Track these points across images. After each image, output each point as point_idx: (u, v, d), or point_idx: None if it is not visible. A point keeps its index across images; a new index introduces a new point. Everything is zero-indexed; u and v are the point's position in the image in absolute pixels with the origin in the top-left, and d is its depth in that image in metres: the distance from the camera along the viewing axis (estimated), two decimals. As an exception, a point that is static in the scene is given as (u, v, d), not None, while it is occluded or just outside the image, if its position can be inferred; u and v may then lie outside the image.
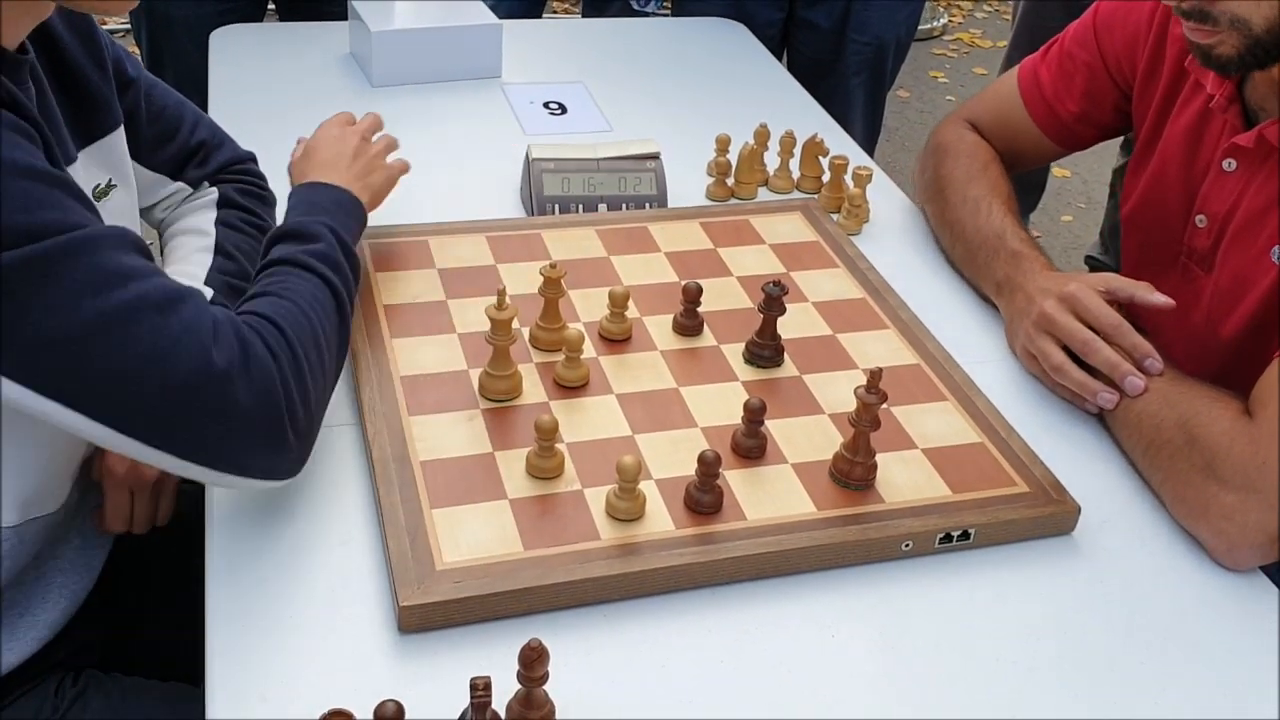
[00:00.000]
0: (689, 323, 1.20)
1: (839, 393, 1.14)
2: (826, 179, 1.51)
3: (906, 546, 0.99)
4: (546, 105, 1.72)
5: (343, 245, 1.04)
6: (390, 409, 1.06)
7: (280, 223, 1.07)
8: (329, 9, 1.96)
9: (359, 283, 1.07)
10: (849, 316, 1.25)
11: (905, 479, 1.04)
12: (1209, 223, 1.22)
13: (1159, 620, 0.97)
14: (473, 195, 1.46)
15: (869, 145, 2.24)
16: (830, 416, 1.11)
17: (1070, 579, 1.00)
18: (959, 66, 4.37)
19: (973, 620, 0.95)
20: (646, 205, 1.43)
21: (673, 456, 1.04)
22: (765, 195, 1.53)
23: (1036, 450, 1.08)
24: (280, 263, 1.00)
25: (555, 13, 4.42)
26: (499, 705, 0.81)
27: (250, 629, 0.89)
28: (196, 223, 1.20)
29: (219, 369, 0.84)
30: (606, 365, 1.15)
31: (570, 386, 1.11)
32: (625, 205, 1.42)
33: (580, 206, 1.41)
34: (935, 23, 4.59)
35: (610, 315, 1.18)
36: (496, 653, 0.87)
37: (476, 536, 0.94)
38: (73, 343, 0.80)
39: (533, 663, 0.79)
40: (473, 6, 1.82)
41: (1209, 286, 1.22)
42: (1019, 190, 2.97)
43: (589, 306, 1.22)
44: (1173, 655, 0.94)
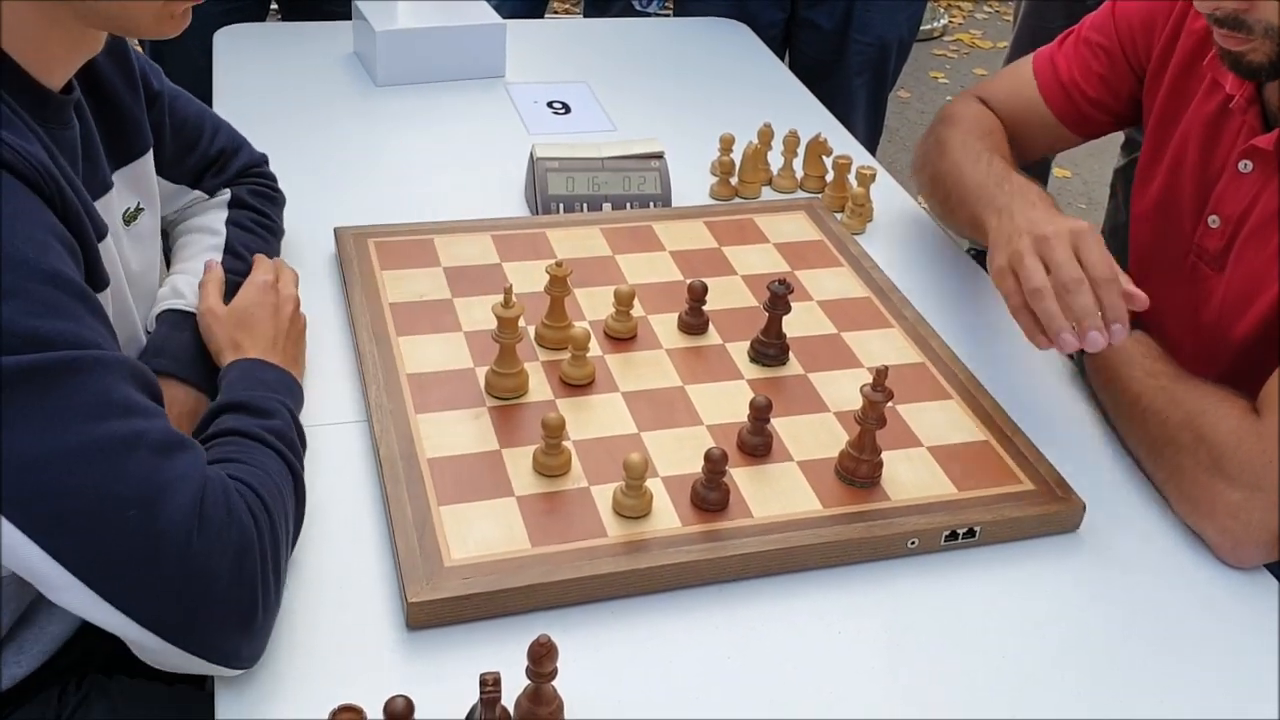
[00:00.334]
0: (694, 321, 1.21)
1: (844, 391, 1.14)
2: (830, 178, 1.51)
3: (912, 544, 0.99)
4: (550, 105, 1.72)
5: (296, 425, 0.99)
6: (397, 407, 1.07)
7: (222, 394, 1.00)
8: (332, 8, 1.96)
9: (303, 450, 1.00)
10: (854, 315, 1.26)
11: (911, 477, 1.05)
12: (1222, 223, 1.21)
13: (1164, 617, 0.97)
14: (477, 194, 1.47)
15: (871, 145, 2.24)
16: (835, 415, 1.11)
17: (1075, 576, 1.00)
18: (959, 67, 4.38)
19: (978, 617, 0.96)
20: (651, 204, 1.44)
21: (678, 454, 1.04)
22: (769, 195, 1.54)
23: (1041, 448, 1.09)
24: (237, 434, 0.92)
25: (556, 13, 4.43)
26: (507, 701, 0.81)
27: (259, 625, 0.89)
28: (208, 222, 1.20)
29: (203, 526, 0.78)
30: (612, 364, 1.15)
31: (576, 385, 1.12)
32: (630, 204, 1.43)
33: (585, 206, 1.42)
34: (935, 23, 4.59)
35: (615, 314, 1.19)
36: (504, 649, 0.87)
37: (484, 533, 0.95)
38: (54, 467, 0.74)
39: (541, 658, 0.79)
40: (476, 6, 1.82)
41: (1220, 287, 1.21)
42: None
43: (594, 305, 1.23)
44: (1177, 652, 0.94)
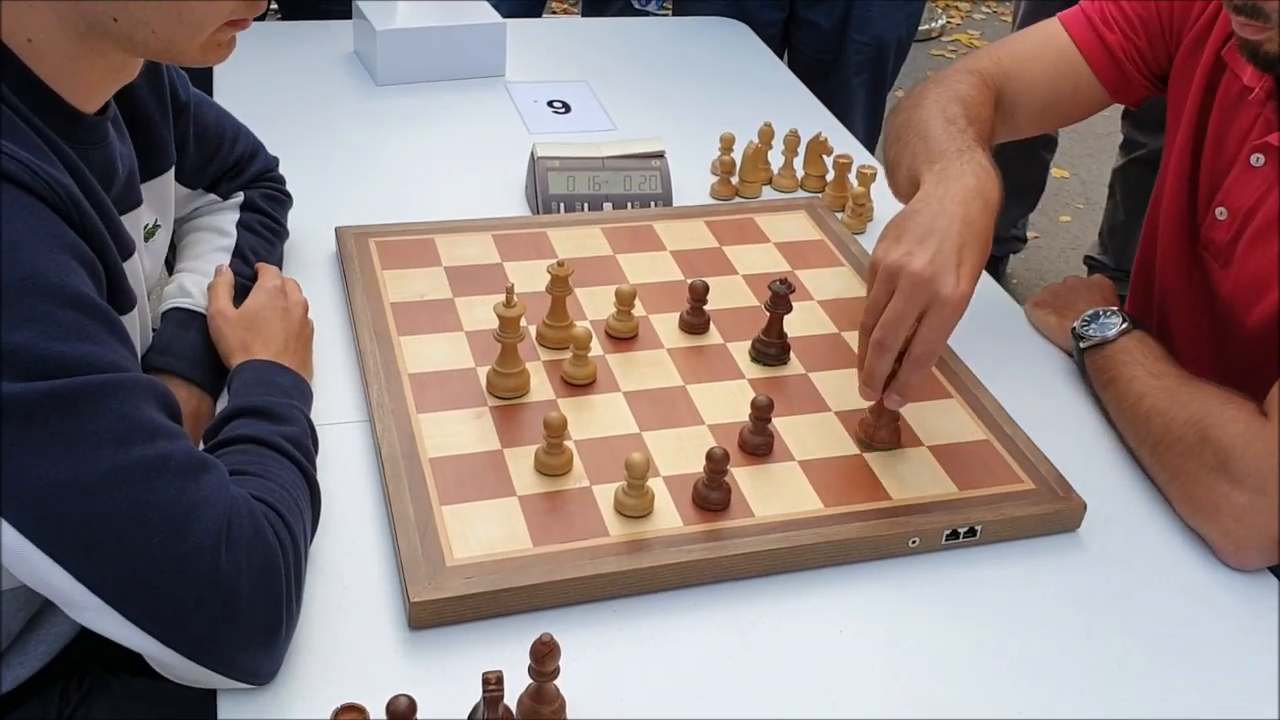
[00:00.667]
0: (695, 321, 1.21)
1: (845, 390, 1.14)
2: (830, 178, 1.51)
3: (913, 543, 0.99)
4: (550, 104, 1.72)
5: (311, 431, 0.99)
6: (399, 406, 1.07)
7: (234, 396, 1.00)
8: (332, 8, 1.96)
9: (316, 454, 1.00)
10: (854, 315, 1.25)
11: (912, 476, 1.05)
12: (1229, 216, 1.19)
13: (1164, 617, 0.97)
14: (478, 194, 1.47)
15: (870, 145, 2.24)
16: (836, 414, 1.11)
17: (1076, 576, 1.00)
18: (958, 67, 4.37)
19: (979, 616, 0.96)
20: (652, 204, 1.44)
21: (680, 454, 1.04)
22: (769, 194, 1.54)
23: (1042, 447, 1.09)
24: (253, 441, 0.92)
25: (555, 13, 4.43)
26: (510, 700, 0.81)
27: (261, 625, 0.89)
28: (218, 222, 1.20)
29: (230, 548, 0.78)
30: (613, 363, 1.15)
31: (578, 384, 1.12)
32: (630, 204, 1.43)
33: (585, 205, 1.42)
34: (933, 24, 4.59)
35: (617, 313, 1.19)
36: (506, 648, 0.88)
37: (486, 533, 0.95)
38: (80, 492, 0.74)
39: (544, 657, 0.79)
40: (477, 5, 1.82)
41: (1228, 282, 1.20)
42: (1018, 191, 2.96)
43: (595, 305, 1.23)
44: (1177, 652, 0.95)
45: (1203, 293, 1.23)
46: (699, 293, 1.20)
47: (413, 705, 0.75)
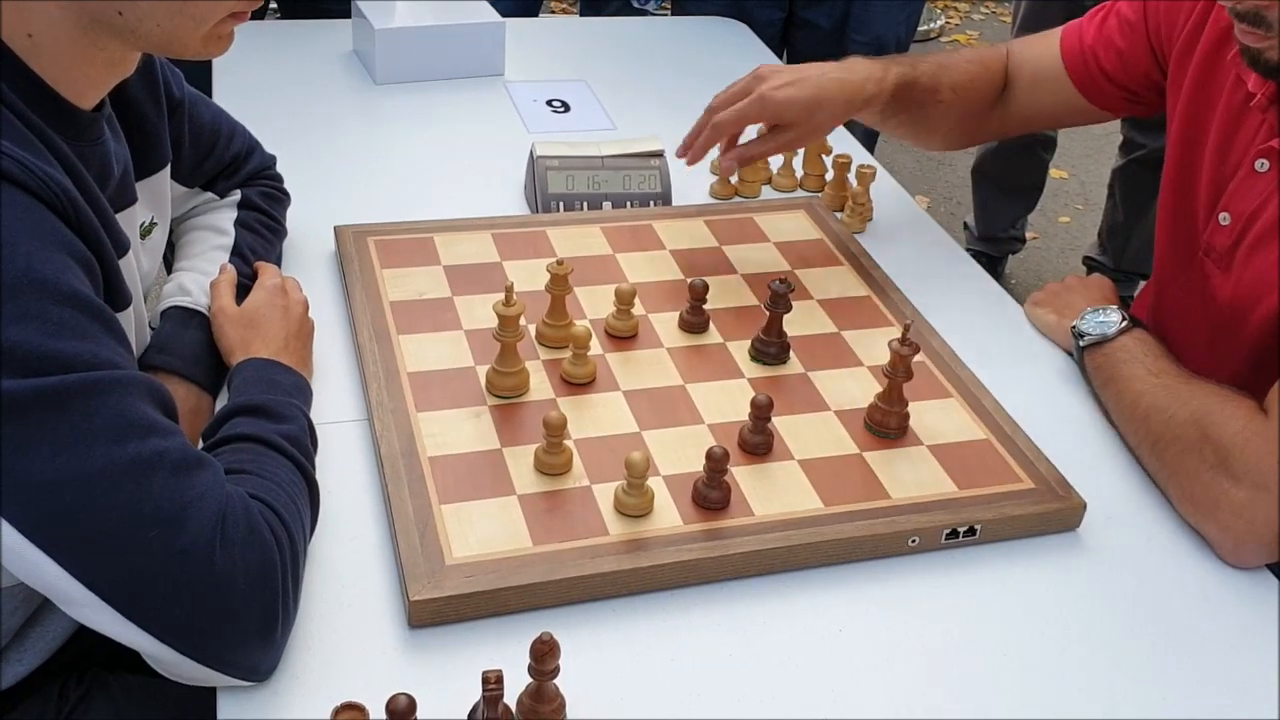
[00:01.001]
0: (695, 320, 1.21)
1: (845, 390, 1.14)
2: (830, 177, 1.51)
3: (913, 542, 0.99)
4: (549, 103, 1.72)
5: (310, 430, 0.98)
6: (398, 405, 1.06)
7: (234, 394, 1.00)
8: (331, 6, 1.96)
9: (315, 453, 0.99)
10: (854, 314, 1.26)
11: (911, 475, 1.05)
12: (1232, 221, 1.19)
13: (1164, 616, 0.98)
14: (477, 193, 1.47)
15: (868, 145, 2.24)
16: (836, 413, 1.11)
17: (1076, 575, 1.00)
18: (956, 67, 4.37)
19: (979, 616, 0.96)
20: (651, 203, 1.44)
21: (680, 453, 1.04)
22: (769, 193, 1.54)
23: (1041, 447, 1.09)
24: (252, 439, 0.92)
25: (553, 12, 4.42)
26: (509, 699, 0.81)
27: (260, 623, 0.89)
28: (215, 221, 1.20)
29: (225, 544, 0.78)
30: (613, 362, 1.15)
31: (577, 383, 1.12)
32: (630, 203, 1.43)
33: (585, 204, 1.42)
34: (932, 24, 4.59)
35: (616, 312, 1.19)
36: (506, 647, 0.87)
37: (486, 532, 0.95)
38: (75, 489, 0.74)
39: (544, 656, 0.79)
40: (475, 5, 1.82)
41: (1227, 286, 1.20)
42: (1017, 191, 2.96)
43: (595, 304, 1.23)
44: (1177, 651, 0.95)
45: (1202, 298, 1.23)
46: (699, 292, 1.20)
47: (412, 704, 0.75)
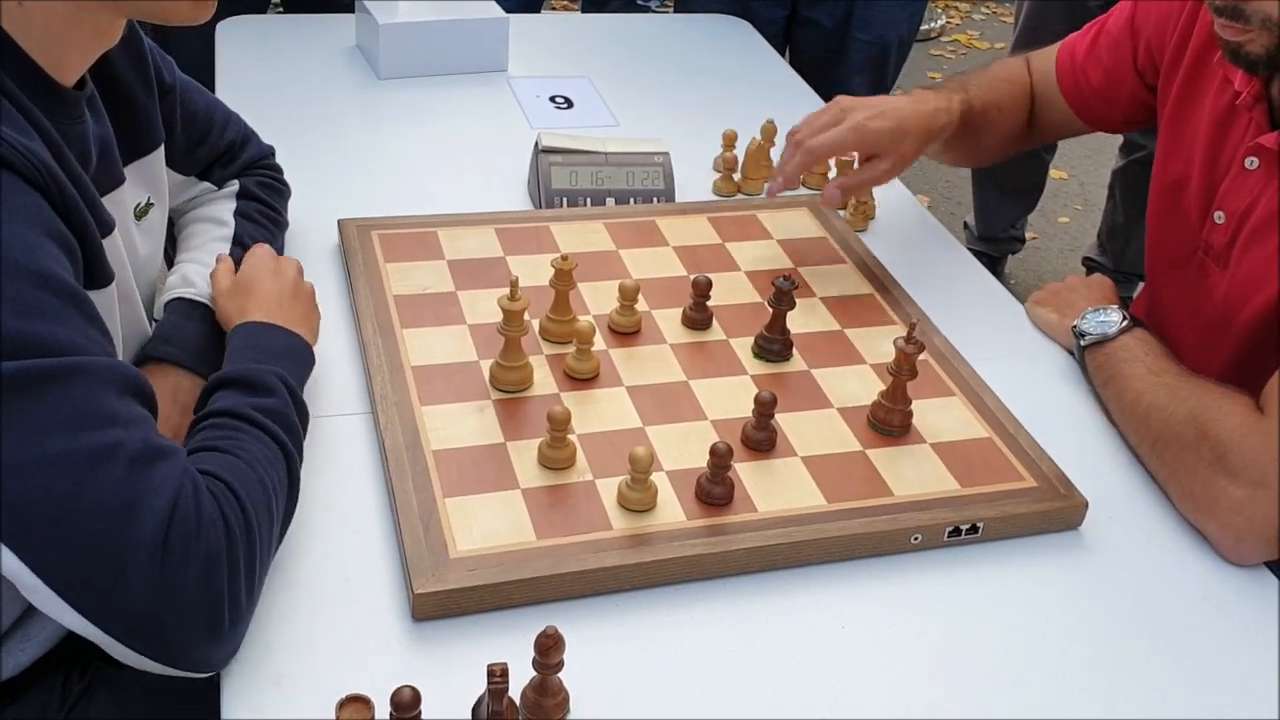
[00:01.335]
0: (698, 316, 1.21)
1: (848, 388, 1.14)
2: (833, 175, 1.51)
3: (916, 539, 1.00)
4: (553, 99, 1.72)
5: (295, 400, 0.96)
6: (402, 399, 1.07)
7: (224, 365, 0.99)
8: (334, 1, 1.96)
9: (305, 429, 0.97)
10: (857, 312, 1.26)
11: (914, 473, 1.05)
12: (1227, 219, 1.21)
13: (1165, 614, 0.98)
14: (480, 188, 1.47)
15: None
16: (839, 410, 1.12)
17: (1077, 573, 1.01)
18: (957, 68, 4.38)
19: (980, 613, 0.96)
20: (654, 199, 1.44)
21: (683, 449, 1.05)
22: (771, 191, 1.54)
23: (1044, 445, 1.09)
24: (229, 415, 0.90)
25: (555, 8, 4.42)
26: (513, 692, 0.81)
27: (265, 617, 0.89)
28: (215, 212, 1.20)
29: (169, 541, 0.76)
30: (616, 358, 1.15)
31: (581, 378, 1.12)
32: (633, 199, 1.43)
33: (588, 200, 1.42)
34: (933, 24, 4.60)
35: (620, 308, 1.19)
36: (510, 641, 0.87)
37: (489, 526, 0.95)
38: (23, 475, 0.73)
39: (549, 649, 0.79)
40: (479, 1, 1.82)
41: (1224, 283, 1.22)
42: (1017, 191, 2.97)
43: (598, 299, 1.23)
44: (1178, 649, 0.95)
45: (1199, 296, 1.24)
46: (702, 288, 1.20)
47: (417, 696, 0.75)
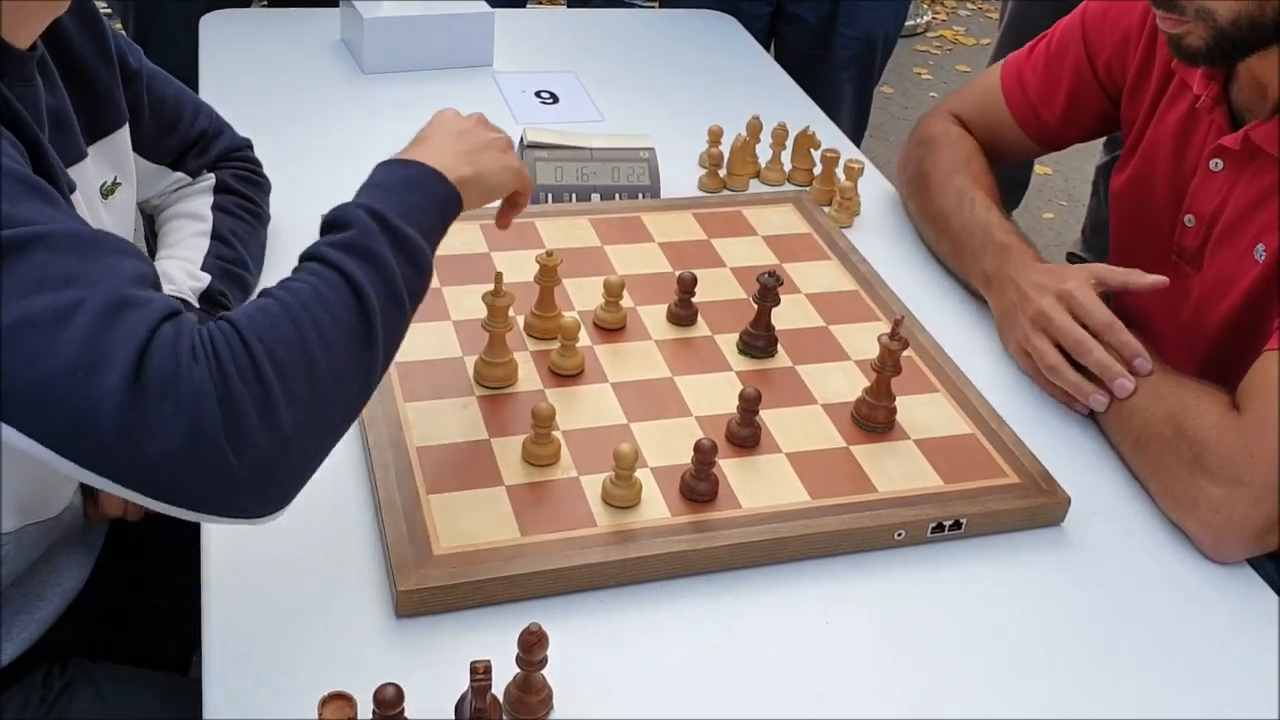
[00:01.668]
0: (683, 312, 1.21)
1: (832, 383, 1.15)
2: (818, 172, 1.52)
3: (899, 535, 1.00)
4: (538, 94, 1.72)
5: (385, 228, 0.85)
6: (385, 395, 1.06)
7: None
8: (318, -6, 1.95)
9: (420, 270, 0.87)
10: (841, 308, 1.26)
11: (898, 469, 1.05)
12: (1197, 222, 1.23)
13: (1147, 611, 0.98)
14: (465, 183, 1.46)
15: (856, 139, 2.25)
16: (824, 406, 1.12)
17: (1060, 569, 1.01)
18: (942, 63, 4.39)
19: (964, 609, 0.96)
20: (639, 195, 1.43)
21: (668, 445, 1.04)
22: (757, 187, 1.54)
23: (1027, 441, 1.10)
24: (304, 259, 0.85)
25: (541, 3, 4.41)
26: (496, 689, 0.81)
27: (247, 614, 0.89)
28: (192, 207, 1.20)
29: (143, 385, 0.72)
30: (601, 354, 1.15)
31: (565, 375, 1.12)
32: (618, 195, 1.43)
33: (574, 196, 1.41)
34: (919, 19, 4.60)
35: (605, 304, 1.19)
36: (493, 638, 0.87)
37: (473, 522, 0.95)
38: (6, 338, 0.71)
39: (532, 646, 0.79)
40: (464, -5, 1.81)
41: (1197, 284, 1.23)
42: (1002, 187, 2.97)
43: (583, 295, 1.23)
44: (1160, 645, 0.95)
45: (1174, 299, 1.25)
46: (687, 284, 1.20)
47: (399, 694, 0.75)
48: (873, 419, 1.09)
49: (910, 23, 4.49)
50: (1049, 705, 0.89)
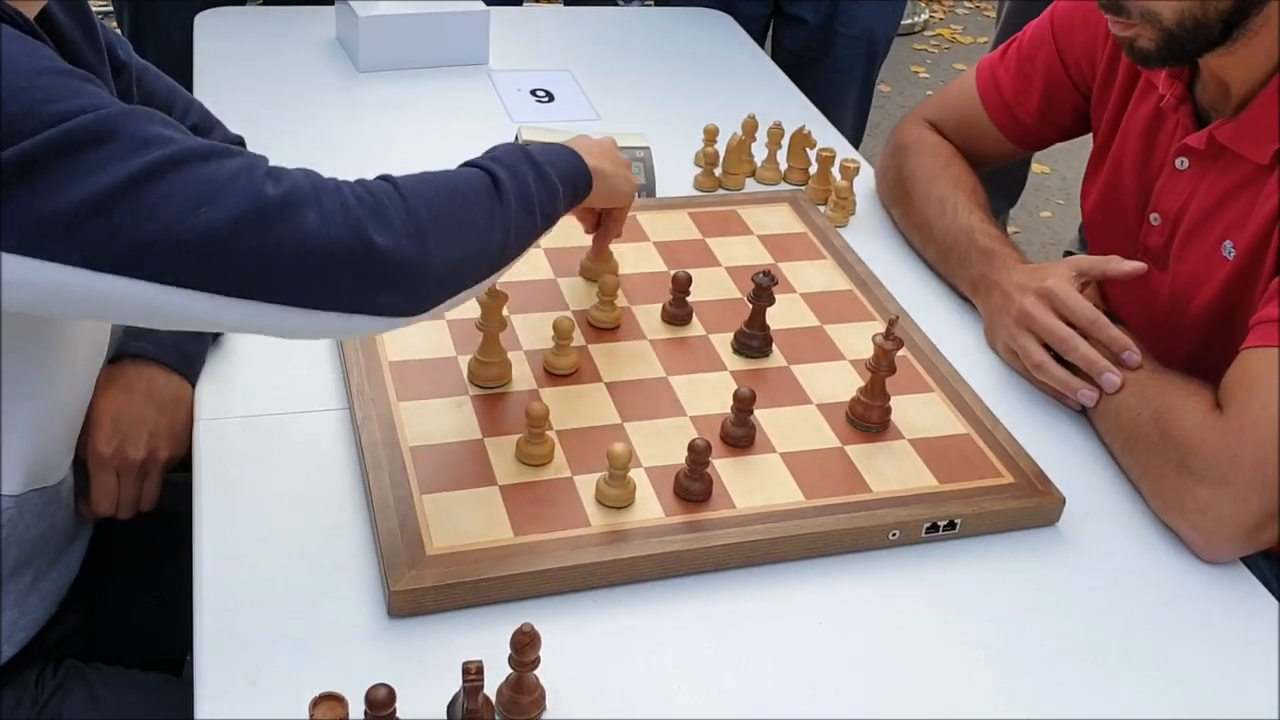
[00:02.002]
0: (678, 312, 1.21)
1: (827, 383, 1.14)
2: (814, 171, 1.51)
3: (894, 535, 1.00)
4: (534, 93, 1.72)
5: (528, 157, 0.97)
6: (379, 394, 1.06)
7: None
8: (314, -8, 1.95)
9: (553, 197, 0.97)
10: (836, 308, 1.26)
11: (892, 469, 1.05)
12: (1162, 221, 1.23)
13: (1141, 610, 0.98)
14: (460, 182, 1.46)
15: (855, 140, 2.25)
16: (818, 406, 1.12)
17: (1054, 569, 1.01)
18: (940, 62, 4.39)
19: (958, 609, 0.96)
20: (635, 195, 1.43)
21: (662, 445, 1.04)
22: (753, 186, 1.53)
23: (1021, 441, 1.09)
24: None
25: (536, 2, 4.41)
26: (489, 690, 0.81)
27: (239, 613, 0.89)
28: None
29: (274, 197, 0.78)
30: (595, 354, 1.15)
31: (559, 374, 1.11)
32: (613, 194, 1.42)
33: (568, 195, 1.41)
34: (916, 18, 4.60)
35: (599, 304, 1.19)
36: (486, 638, 0.87)
37: (467, 522, 0.94)
38: (114, 204, 0.75)
39: (525, 647, 0.79)
40: (460, -7, 1.81)
41: (1166, 283, 1.23)
42: (998, 186, 2.98)
43: (578, 295, 1.22)
44: (1154, 646, 0.95)
45: (1144, 298, 1.26)
46: (683, 284, 1.20)
47: (391, 695, 0.75)
48: (867, 419, 1.09)
49: (907, 21, 4.50)
50: (1043, 705, 0.89)
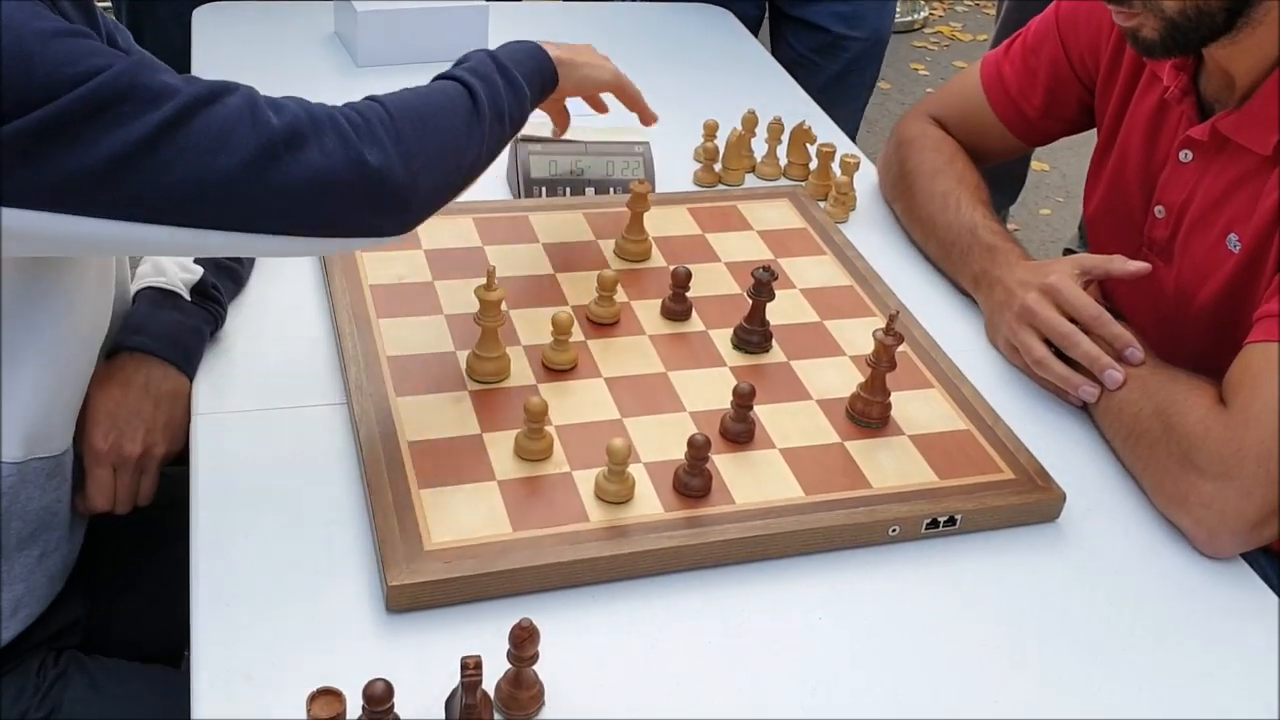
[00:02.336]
0: (677, 307, 1.20)
1: (827, 379, 1.14)
2: (814, 167, 1.51)
3: (893, 531, 0.99)
4: (533, 88, 1.71)
5: (498, 64, 1.05)
6: (377, 389, 1.06)
7: None
8: (312, -14, 1.95)
9: (519, 100, 1.06)
10: (836, 304, 1.26)
11: (892, 465, 1.05)
12: (1167, 213, 1.23)
13: (1142, 607, 0.98)
14: (459, 177, 1.45)
15: (852, 134, 2.24)
16: (818, 402, 1.11)
17: (1055, 565, 1.01)
18: (939, 59, 4.39)
19: (958, 605, 0.96)
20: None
21: (661, 440, 1.04)
22: (752, 182, 1.53)
23: (1022, 437, 1.09)
24: (434, 80, 1.03)
25: (536, -2, 4.40)
26: (488, 685, 0.81)
27: (236, 608, 0.88)
28: None
29: (279, 129, 0.85)
30: (594, 349, 1.15)
31: (558, 369, 1.11)
32: (613, 189, 1.42)
33: (567, 190, 1.41)
34: (916, 15, 4.60)
35: (598, 299, 1.18)
36: (484, 633, 0.87)
37: (465, 517, 0.94)
38: (141, 157, 0.80)
39: (523, 642, 0.79)
40: (459, -12, 1.80)
41: (1171, 276, 1.23)
42: (999, 183, 2.99)
43: (577, 290, 1.22)
44: (1156, 641, 0.95)
45: (1149, 291, 1.25)
46: (682, 279, 1.19)
47: (389, 690, 0.74)
48: (867, 414, 1.08)
49: (908, 19, 4.49)
50: (1044, 702, 0.89)
